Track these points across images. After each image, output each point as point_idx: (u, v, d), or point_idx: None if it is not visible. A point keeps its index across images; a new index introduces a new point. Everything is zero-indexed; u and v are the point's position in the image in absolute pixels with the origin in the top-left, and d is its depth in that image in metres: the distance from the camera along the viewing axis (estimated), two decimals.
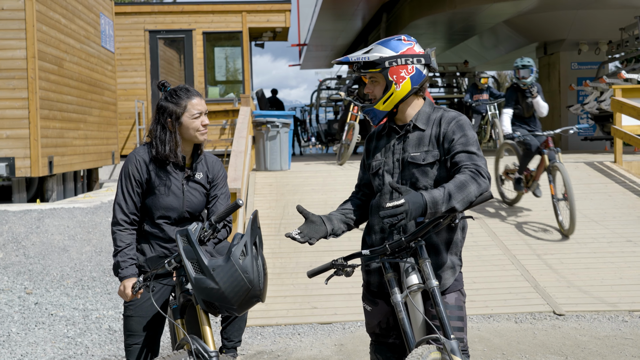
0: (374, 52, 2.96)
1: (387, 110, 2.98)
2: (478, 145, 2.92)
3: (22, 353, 5.36)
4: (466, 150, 2.86)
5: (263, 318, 6.16)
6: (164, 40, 16.57)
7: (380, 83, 2.97)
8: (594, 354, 5.19)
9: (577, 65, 17.04)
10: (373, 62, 2.93)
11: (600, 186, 9.51)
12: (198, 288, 2.90)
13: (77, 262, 7.54)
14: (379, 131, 3.16)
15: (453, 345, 2.68)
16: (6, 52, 9.95)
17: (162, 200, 3.39)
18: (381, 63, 2.93)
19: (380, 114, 2.99)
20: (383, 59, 2.93)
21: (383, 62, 2.93)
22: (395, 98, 2.95)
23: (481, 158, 2.86)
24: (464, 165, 2.82)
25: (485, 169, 2.83)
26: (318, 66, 33.49)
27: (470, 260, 7.04)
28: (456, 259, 2.99)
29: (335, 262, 2.95)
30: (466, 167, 2.81)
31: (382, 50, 2.95)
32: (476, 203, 2.75)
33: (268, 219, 8.33)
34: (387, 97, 2.95)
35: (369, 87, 3.01)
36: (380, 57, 2.93)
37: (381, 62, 2.93)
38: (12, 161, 9.92)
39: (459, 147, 2.87)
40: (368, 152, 3.16)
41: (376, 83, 2.98)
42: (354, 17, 20.92)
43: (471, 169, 2.79)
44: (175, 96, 3.41)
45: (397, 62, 2.93)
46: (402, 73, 2.94)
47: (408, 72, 2.94)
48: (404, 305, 2.83)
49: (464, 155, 2.85)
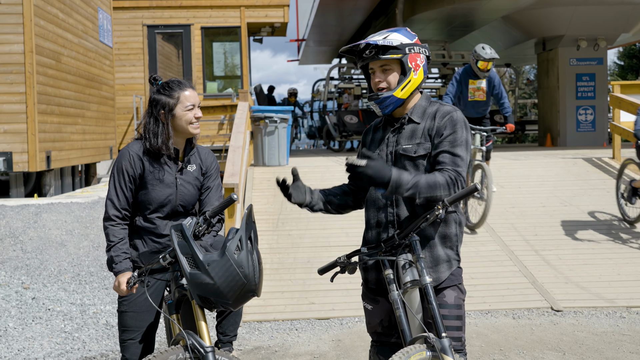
0: (391, 38, 2.92)
1: (405, 97, 2.94)
2: (467, 145, 2.91)
3: (19, 348, 5.35)
4: (452, 152, 2.86)
5: (260, 313, 6.15)
6: (162, 35, 16.53)
7: (394, 71, 2.93)
8: (592, 350, 5.19)
9: (576, 62, 17.03)
10: (395, 47, 2.89)
11: (598, 182, 9.50)
12: (193, 283, 2.89)
13: (74, 257, 7.53)
14: (376, 124, 3.15)
15: (444, 344, 2.66)
16: (4, 47, 9.92)
17: (156, 194, 3.37)
18: (402, 48, 2.90)
19: (398, 101, 2.94)
20: (404, 44, 2.91)
21: (404, 47, 2.90)
22: (412, 85, 2.93)
23: (464, 163, 2.86)
24: (446, 168, 2.83)
25: (463, 178, 2.85)
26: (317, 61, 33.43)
27: (468, 256, 7.03)
28: (452, 253, 2.98)
29: (338, 260, 2.94)
30: (447, 171, 2.82)
31: (400, 37, 2.93)
32: (460, 198, 2.76)
33: (266, 215, 8.32)
34: (406, 84, 2.92)
35: (379, 75, 2.95)
36: (401, 42, 2.91)
37: (402, 47, 2.90)
38: (10, 156, 9.90)
39: (445, 146, 2.86)
40: (365, 145, 3.15)
41: (389, 71, 2.94)
42: (352, 12, 20.88)
43: (451, 175, 2.81)
44: (168, 88, 3.40)
45: (414, 50, 2.93)
46: (418, 61, 2.94)
47: (421, 61, 2.95)
48: (401, 303, 2.81)
49: (448, 156, 2.85)
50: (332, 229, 7.75)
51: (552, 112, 17.55)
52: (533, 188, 9.33)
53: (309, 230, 7.89)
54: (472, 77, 8.42)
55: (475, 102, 8.51)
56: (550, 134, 17.58)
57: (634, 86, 11.22)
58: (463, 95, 8.47)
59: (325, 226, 7.90)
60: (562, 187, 9.34)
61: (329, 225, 7.85)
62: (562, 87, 17.20)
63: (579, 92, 17.13)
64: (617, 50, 35.89)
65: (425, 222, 2.78)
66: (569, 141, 16.88)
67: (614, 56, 37.90)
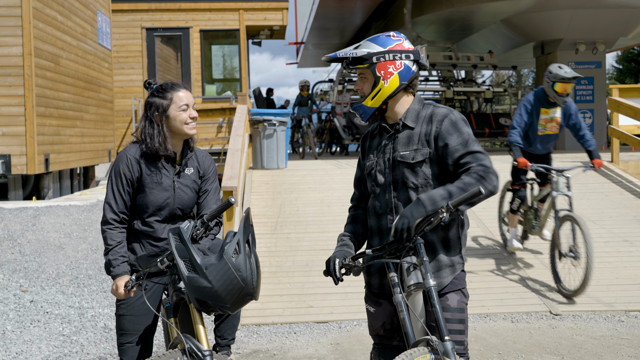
0: (362, 48, 2.94)
1: (376, 106, 2.96)
2: (476, 140, 2.91)
3: (17, 351, 5.33)
4: (469, 152, 2.84)
5: (259, 317, 6.14)
6: (161, 37, 16.54)
7: (368, 79, 2.95)
8: (590, 354, 5.18)
9: (575, 65, 17.05)
10: (361, 58, 2.91)
11: (596, 186, 9.51)
12: (191, 287, 2.88)
13: (73, 259, 7.52)
14: (372, 130, 3.14)
15: (446, 348, 2.65)
16: (2, 49, 9.92)
17: (153, 197, 3.37)
18: (369, 59, 2.91)
19: (369, 110, 2.97)
20: (371, 54, 2.91)
21: (371, 57, 2.91)
22: (383, 94, 2.93)
23: (485, 156, 2.85)
24: (471, 166, 2.81)
25: (492, 167, 2.81)
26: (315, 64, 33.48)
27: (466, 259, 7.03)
28: (456, 257, 2.97)
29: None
30: (472, 168, 2.80)
31: (370, 46, 2.94)
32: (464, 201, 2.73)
33: (264, 218, 8.31)
34: (375, 93, 2.93)
35: (358, 83, 3.00)
36: (368, 52, 2.92)
37: (369, 57, 2.91)
38: (8, 158, 9.89)
39: (460, 150, 2.85)
40: (363, 152, 3.14)
41: (365, 79, 2.96)
42: (351, 15, 20.91)
43: (478, 171, 2.78)
44: (161, 90, 3.41)
45: (384, 58, 2.91)
46: (389, 69, 2.91)
47: (396, 68, 2.92)
48: (405, 305, 2.81)
49: (468, 157, 2.84)
50: (330, 232, 7.74)
51: None
52: None
53: (307, 233, 7.89)
54: (545, 105, 6.90)
55: (546, 137, 7.02)
56: None
57: (633, 90, 11.23)
58: (532, 127, 6.95)
59: (323, 229, 7.90)
60: None
61: (327, 229, 7.85)
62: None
63: (578, 96, 17.15)
64: (616, 54, 35.96)
65: (429, 226, 2.77)
66: (568, 145, 16.89)
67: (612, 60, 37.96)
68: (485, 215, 8.37)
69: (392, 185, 2.94)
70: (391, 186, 2.95)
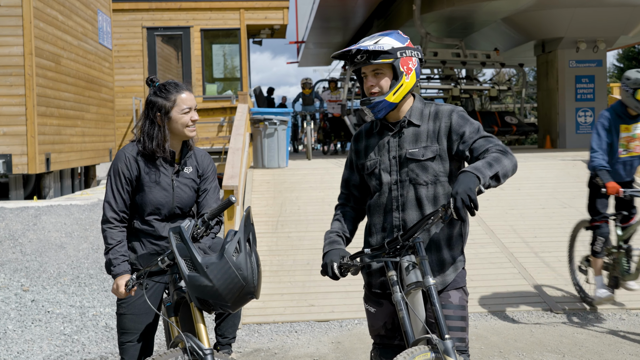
0: (382, 42, 2.91)
1: (397, 101, 2.93)
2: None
3: (18, 350, 5.34)
4: (482, 136, 2.89)
5: (260, 316, 6.14)
6: (162, 37, 16.54)
7: (386, 75, 2.92)
8: (592, 352, 5.18)
9: (575, 64, 17.04)
10: (386, 52, 2.88)
11: None
12: (192, 286, 2.88)
13: (74, 259, 7.52)
14: (367, 130, 3.11)
15: (447, 346, 2.65)
16: (3, 49, 9.92)
17: (152, 196, 3.37)
18: (393, 53, 2.89)
19: (390, 105, 2.93)
20: (395, 49, 2.90)
21: (395, 52, 2.89)
22: (404, 89, 2.92)
23: (496, 139, 2.90)
24: (487, 147, 2.84)
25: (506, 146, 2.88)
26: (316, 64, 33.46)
27: (467, 258, 7.00)
28: (459, 255, 2.97)
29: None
30: (491, 149, 2.83)
31: (391, 41, 2.92)
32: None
33: (265, 217, 8.32)
34: (398, 88, 2.91)
35: (371, 80, 2.93)
36: (392, 47, 2.90)
37: (393, 52, 2.89)
38: (9, 158, 9.90)
39: (474, 136, 2.89)
40: (358, 152, 3.10)
41: (381, 75, 2.92)
42: (352, 14, 20.89)
43: (497, 148, 2.82)
44: (165, 90, 3.38)
45: (406, 53, 2.92)
46: (409, 64, 2.92)
47: (413, 65, 2.94)
48: (404, 304, 2.81)
49: (482, 140, 2.87)
50: None
51: (552, 114, 17.56)
52: (532, 190, 9.32)
53: (308, 232, 7.89)
54: (626, 121, 5.86)
55: (629, 160, 5.95)
56: (550, 136, 17.59)
57: None
58: (612, 149, 5.91)
59: (324, 228, 7.87)
60: (562, 189, 9.34)
61: (328, 228, 7.84)
62: (561, 89, 17.21)
63: (579, 94, 17.14)
64: (617, 52, 35.92)
65: (429, 224, 2.77)
66: (569, 143, 16.88)
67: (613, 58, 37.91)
68: (486, 214, 8.37)
69: (399, 183, 2.95)
70: (398, 183, 2.95)
